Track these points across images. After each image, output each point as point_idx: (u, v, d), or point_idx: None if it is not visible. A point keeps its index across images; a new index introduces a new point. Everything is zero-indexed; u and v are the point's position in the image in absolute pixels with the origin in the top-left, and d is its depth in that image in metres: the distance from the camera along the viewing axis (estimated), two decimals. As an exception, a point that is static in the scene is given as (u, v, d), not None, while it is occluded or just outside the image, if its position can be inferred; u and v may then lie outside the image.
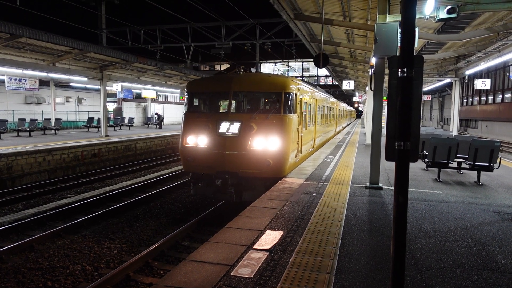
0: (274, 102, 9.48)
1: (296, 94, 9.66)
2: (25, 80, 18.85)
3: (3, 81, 19.28)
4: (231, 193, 8.90)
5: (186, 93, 10.27)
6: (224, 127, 8.97)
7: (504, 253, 4.57)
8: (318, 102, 14.73)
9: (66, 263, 7.06)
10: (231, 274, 3.78)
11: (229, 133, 8.88)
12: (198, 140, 9.30)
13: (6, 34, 14.44)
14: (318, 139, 15.30)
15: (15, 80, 18.74)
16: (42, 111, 30.11)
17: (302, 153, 10.94)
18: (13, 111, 28.48)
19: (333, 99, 23.53)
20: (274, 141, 8.73)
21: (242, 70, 10.36)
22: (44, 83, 25.42)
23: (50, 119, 24.66)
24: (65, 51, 18.37)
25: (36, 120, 23.06)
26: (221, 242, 4.66)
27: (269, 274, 3.81)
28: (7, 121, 21.30)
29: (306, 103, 11.48)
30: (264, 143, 8.74)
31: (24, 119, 22.78)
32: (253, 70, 11.62)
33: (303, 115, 10.86)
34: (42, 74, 19.37)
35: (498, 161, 8.82)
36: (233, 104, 9.93)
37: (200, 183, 9.57)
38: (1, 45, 15.48)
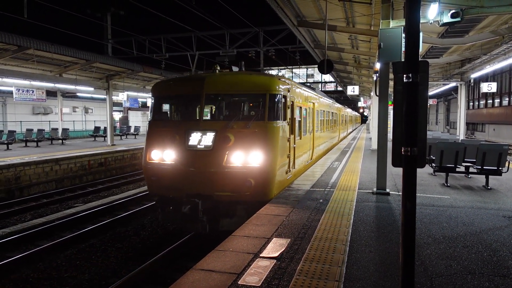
0: (257, 107, 7.98)
1: (285, 97, 8.01)
2: (33, 91, 19.10)
3: (11, 92, 19.54)
4: (203, 222, 7.22)
5: (151, 97, 8.60)
6: (194, 138, 7.37)
7: (515, 258, 4.49)
8: (317, 107, 13.36)
9: (73, 273, 7.07)
10: (239, 282, 3.76)
11: (201, 146, 7.28)
12: (164, 155, 7.64)
13: (14, 46, 14.68)
14: (317, 148, 13.75)
15: (23, 91, 18.98)
16: (50, 121, 30.43)
17: (295, 167, 9.26)
18: (21, 121, 28.82)
19: (335, 104, 22.19)
20: (256, 156, 7.13)
21: (218, 69, 8.54)
22: (51, 93, 25.73)
23: (57, 129, 24.91)
24: (72, 61, 18.62)
25: (44, 130, 23.32)
26: (228, 250, 4.64)
27: (276, 282, 3.78)
28: (15, 131, 21.56)
29: (301, 107, 10.05)
30: (244, 158, 7.15)
31: (32, 130, 23.04)
32: (235, 69, 9.72)
33: (296, 122, 9.29)
34: (49, 84, 19.62)
35: (506, 164, 8.72)
36: (214, 110, 8.72)
37: (169, 207, 7.77)
38: (9, 56, 15.72)
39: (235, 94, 7.99)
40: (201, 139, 7.34)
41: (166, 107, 8.69)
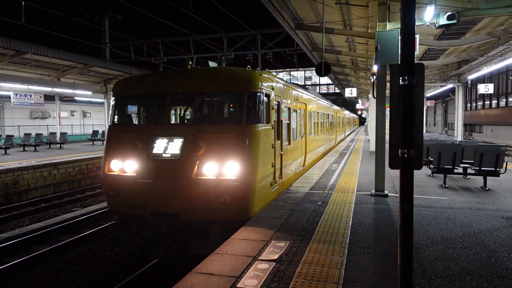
0: (234, 108, 7.13)
1: (268, 96, 7.00)
2: (31, 96, 19.10)
3: (9, 97, 19.53)
4: (169, 246, 6.25)
5: (112, 97, 7.46)
6: (159, 146, 6.38)
7: (513, 259, 4.51)
8: (310, 108, 12.42)
9: (72, 277, 7.05)
10: (238, 285, 3.76)
11: (167, 155, 6.27)
12: (125, 166, 6.58)
13: (11, 50, 14.69)
14: (311, 154, 12.68)
15: (21, 95, 18.98)
16: (48, 125, 30.40)
17: (283, 177, 8.19)
18: (19, 126, 28.78)
19: (332, 105, 21.25)
20: (232, 166, 6.08)
21: (190, 64, 7.67)
22: (49, 97, 25.72)
23: (55, 133, 24.88)
24: (70, 66, 18.64)
25: (42, 134, 23.28)
26: (227, 253, 4.64)
27: (275, 285, 3.78)
28: (13, 136, 21.53)
29: (289, 108, 9.01)
30: (218, 169, 6.11)
31: (30, 134, 23.00)
32: (213, 64, 8.55)
33: (284, 125, 8.32)
34: (47, 89, 19.62)
35: (504, 165, 8.75)
36: (183, 112, 7.80)
37: (132, 227, 6.71)
38: (6, 61, 15.73)
39: (207, 93, 6.96)
40: (167, 147, 6.33)
41: (129, 108, 7.50)
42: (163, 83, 7.00)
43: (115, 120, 7.22)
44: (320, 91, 50.99)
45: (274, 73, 12.15)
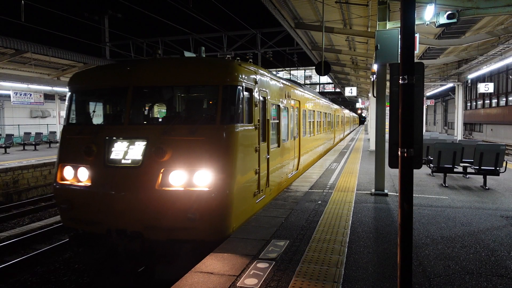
0: (208, 104, 6.28)
1: (250, 90, 6.05)
2: (30, 95, 19.10)
3: (9, 96, 19.53)
4: (128, 270, 5.38)
5: (68, 92, 6.47)
6: (118, 150, 5.46)
7: (513, 258, 4.51)
8: (305, 106, 11.49)
9: (72, 276, 7.05)
10: (237, 284, 3.77)
11: (126, 161, 5.35)
12: (79, 174, 5.67)
13: (11, 49, 14.69)
14: (306, 156, 11.81)
15: (21, 94, 18.98)
16: (47, 124, 30.40)
17: (271, 185, 7.29)
18: (18, 125, 28.78)
19: (330, 104, 20.35)
20: (204, 175, 5.16)
21: (159, 53, 6.61)
22: (49, 97, 25.72)
23: (55, 132, 24.87)
24: (70, 65, 18.64)
25: (42, 133, 23.28)
26: (226, 252, 4.64)
27: (275, 284, 3.79)
28: (13, 135, 21.53)
29: (279, 106, 8.03)
30: (187, 178, 5.19)
31: (30, 133, 23.00)
32: (189, 54, 7.30)
33: (271, 125, 7.42)
34: (47, 88, 19.62)
35: (504, 164, 8.75)
36: (148, 109, 6.64)
37: (89, 245, 5.75)
38: (6, 60, 15.73)
39: (177, 87, 6.00)
40: (127, 151, 5.41)
41: (88, 105, 6.47)
42: (125, 75, 5.91)
43: (70, 119, 6.24)
44: (321, 90, 50.99)
45: (275, 72, 11.89)
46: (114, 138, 5.56)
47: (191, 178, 5.20)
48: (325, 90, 51.40)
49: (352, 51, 18.52)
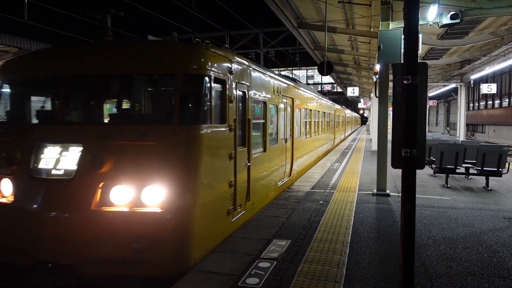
0: (163, 99, 5.20)
1: (223, 82, 4.97)
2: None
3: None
4: None
5: None
6: (47, 157, 4.34)
7: (515, 259, 4.50)
8: (299, 104, 10.37)
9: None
10: (239, 284, 3.76)
11: (58, 172, 4.25)
12: (0, 187, 4.53)
13: (14, 48, 14.71)
14: (301, 159, 10.80)
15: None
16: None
17: (253, 198, 6.21)
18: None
19: (329, 102, 19.19)
20: (155, 190, 4.11)
21: (110, 36, 5.52)
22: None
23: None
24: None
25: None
26: (228, 252, 4.64)
27: (277, 284, 3.78)
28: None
29: (265, 103, 6.98)
30: (133, 196, 4.13)
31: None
32: (154, 38, 5.56)
33: (255, 126, 6.39)
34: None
35: (506, 166, 8.72)
36: (86, 105, 5.35)
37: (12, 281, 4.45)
38: (9, 58, 15.74)
39: (123, 76, 4.76)
40: (59, 160, 4.29)
41: (17, 99, 5.29)
42: (59, 62, 4.77)
43: None
44: (322, 90, 50.97)
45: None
46: (43, 142, 4.40)
47: (139, 195, 4.09)
48: (324, 90, 51.37)
49: (355, 51, 18.50)
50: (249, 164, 5.97)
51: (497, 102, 32.22)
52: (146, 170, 4.14)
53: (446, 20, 7.86)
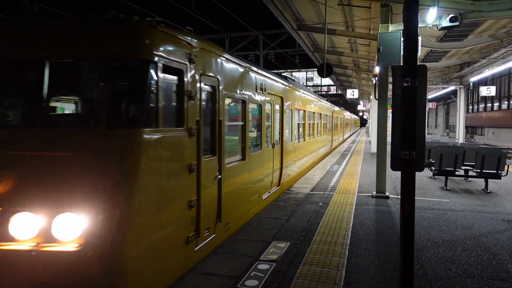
0: (89, 92, 3.86)
1: (180, 72, 3.96)
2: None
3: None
4: None
5: None
6: None
7: (514, 262, 4.50)
8: (290, 104, 9.27)
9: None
10: (238, 286, 3.76)
11: None
12: None
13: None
14: (293, 166, 9.87)
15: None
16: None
17: (227, 217, 5.23)
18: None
19: (327, 104, 18.45)
20: (71, 222, 3.06)
21: (37, 11, 4.05)
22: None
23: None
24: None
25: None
26: (227, 253, 4.64)
27: (276, 286, 3.78)
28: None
29: (244, 101, 5.97)
30: (41, 228, 3.09)
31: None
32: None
33: (226, 129, 5.22)
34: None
35: (506, 168, 8.73)
36: None
37: None
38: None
39: (35, 62, 3.59)
40: None
41: None
42: None
43: None
44: (325, 93, 51.03)
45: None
46: None
47: (48, 227, 3.03)
48: (326, 91, 51.44)
49: (354, 53, 18.54)
50: (220, 176, 4.90)
51: (496, 104, 32.27)
52: (59, 191, 3.07)
53: (446, 22, 7.88)
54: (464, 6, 7.96)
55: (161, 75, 3.61)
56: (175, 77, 3.93)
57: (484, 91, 23.13)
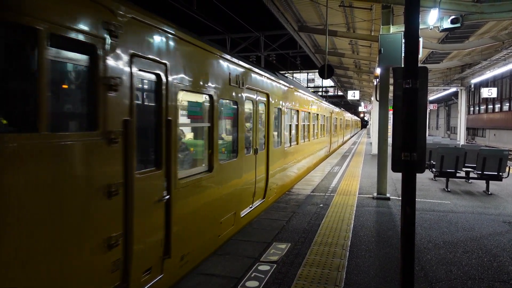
0: None
1: (91, 48, 2.79)
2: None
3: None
4: None
5: None
6: None
7: (515, 264, 4.49)
8: (278, 102, 8.02)
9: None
10: (239, 287, 3.76)
11: None
12: None
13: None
14: (281, 174, 8.54)
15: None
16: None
17: (188, 248, 4.27)
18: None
19: (325, 104, 17.10)
20: None
21: None
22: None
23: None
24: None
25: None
26: (228, 254, 4.64)
27: (276, 287, 3.78)
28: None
29: (211, 97, 4.79)
30: None
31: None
32: None
33: (179, 132, 4.20)
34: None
35: (507, 170, 8.72)
36: None
37: None
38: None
39: None
40: None
41: None
42: None
43: None
44: (326, 94, 50.99)
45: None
46: None
47: None
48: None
49: (355, 55, 18.54)
50: (167, 197, 3.73)
51: (497, 106, 32.23)
52: None
53: (447, 24, 7.89)
54: (466, 8, 7.97)
55: (46, 50, 2.40)
56: (82, 56, 2.76)
57: (486, 92, 23.10)
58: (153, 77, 3.60)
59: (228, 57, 5.45)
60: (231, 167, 5.55)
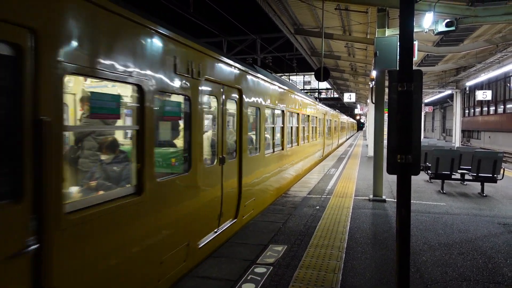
0: None
1: None
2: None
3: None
4: None
5: None
6: None
7: (510, 265, 4.52)
8: (253, 100, 6.68)
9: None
10: (235, 289, 3.76)
11: None
12: None
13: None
14: (261, 185, 7.35)
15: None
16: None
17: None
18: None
19: (316, 103, 15.72)
20: None
21: None
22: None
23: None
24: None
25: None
26: (224, 257, 4.64)
27: (273, 289, 3.78)
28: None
29: (141, 88, 3.33)
30: None
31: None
32: None
33: (75, 136, 3.53)
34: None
35: (501, 172, 8.78)
36: None
37: None
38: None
39: None
40: None
41: None
42: None
43: None
44: (322, 97, 51.10)
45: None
46: None
47: None
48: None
49: (351, 58, 18.61)
50: (35, 247, 2.30)
51: (492, 108, 32.48)
52: None
53: (442, 27, 7.95)
54: (460, 11, 8.03)
55: None
56: None
57: (480, 95, 23.29)
58: (8, 49, 2.16)
59: (170, 34, 3.88)
60: (178, 184, 4.12)
